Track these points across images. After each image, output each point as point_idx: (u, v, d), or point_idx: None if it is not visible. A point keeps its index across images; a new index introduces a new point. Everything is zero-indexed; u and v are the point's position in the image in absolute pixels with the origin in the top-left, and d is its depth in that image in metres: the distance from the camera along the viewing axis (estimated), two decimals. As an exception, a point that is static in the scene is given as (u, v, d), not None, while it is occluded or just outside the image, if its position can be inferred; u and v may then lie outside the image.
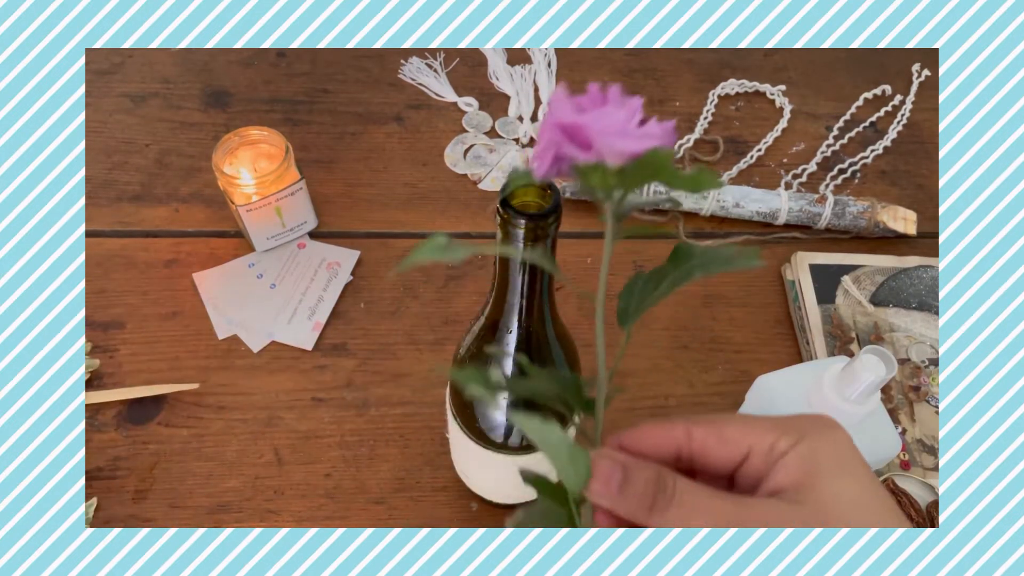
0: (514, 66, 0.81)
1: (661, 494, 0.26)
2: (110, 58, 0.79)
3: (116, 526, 0.52)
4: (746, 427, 0.28)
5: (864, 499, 0.26)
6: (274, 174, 0.61)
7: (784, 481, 0.27)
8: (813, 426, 0.27)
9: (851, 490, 0.26)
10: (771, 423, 0.28)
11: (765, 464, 0.27)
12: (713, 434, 0.28)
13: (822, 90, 0.82)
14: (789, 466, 0.27)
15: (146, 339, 0.61)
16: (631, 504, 0.26)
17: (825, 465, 0.26)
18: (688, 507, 0.26)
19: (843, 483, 0.26)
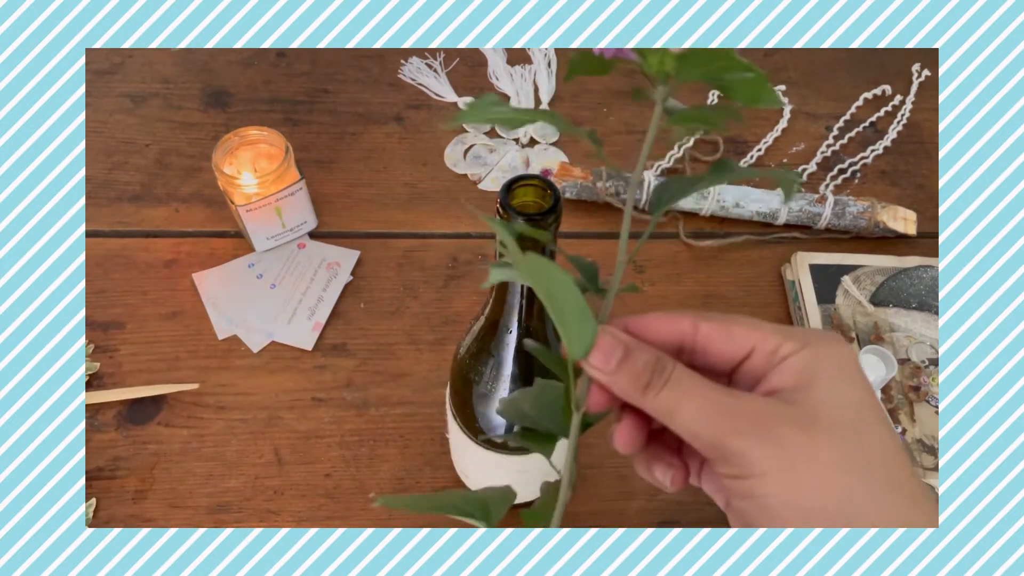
0: (514, 66, 0.81)
1: (658, 375, 0.27)
2: (110, 58, 0.79)
3: (116, 526, 0.52)
4: (753, 327, 0.28)
5: (855, 406, 0.26)
6: (274, 174, 0.61)
7: (781, 382, 0.27)
8: (819, 337, 0.28)
9: (844, 396, 0.26)
10: (778, 328, 0.28)
11: (766, 365, 0.28)
12: (720, 329, 0.28)
13: (822, 90, 0.82)
14: (789, 369, 0.27)
15: (146, 339, 0.61)
16: (627, 381, 0.27)
17: (823, 371, 0.26)
18: (682, 390, 0.26)
19: (838, 389, 0.26)
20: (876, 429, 0.26)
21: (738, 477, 0.26)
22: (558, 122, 0.25)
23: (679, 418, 0.26)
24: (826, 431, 0.25)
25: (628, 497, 0.55)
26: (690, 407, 0.26)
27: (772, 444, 0.25)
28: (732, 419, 0.26)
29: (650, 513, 0.55)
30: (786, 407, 0.26)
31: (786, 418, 0.25)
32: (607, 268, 0.71)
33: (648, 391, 0.26)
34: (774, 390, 0.27)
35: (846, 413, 0.26)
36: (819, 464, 0.25)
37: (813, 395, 0.26)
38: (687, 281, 0.67)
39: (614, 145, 0.76)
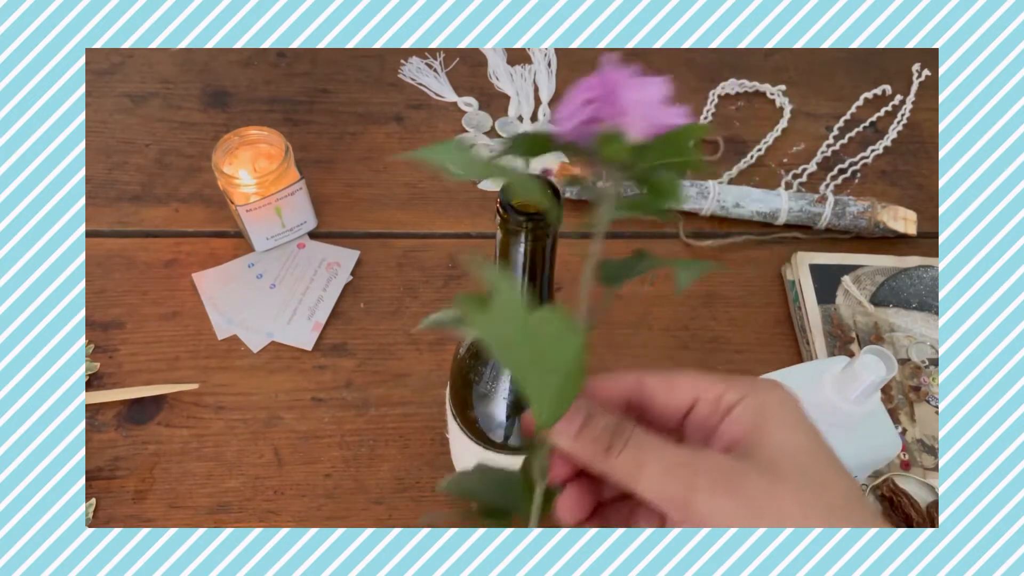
0: (514, 66, 0.81)
1: (618, 438, 0.27)
2: (110, 58, 0.79)
3: (116, 526, 0.52)
4: (695, 378, 0.29)
5: (809, 453, 0.27)
6: (274, 174, 0.61)
7: (734, 435, 0.27)
8: (761, 384, 0.28)
9: (797, 443, 0.27)
10: (719, 378, 0.29)
11: (712, 414, 0.28)
12: (663, 382, 0.29)
13: (822, 90, 0.82)
14: (738, 421, 0.27)
15: (146, 339, 0.61)
16: (588, 445, 0.27)
17: (772, 419, 0.27)
18: (644, 450, 0.27)
19: (790, 437, 0.27)
20: (832, 473, 0.26)
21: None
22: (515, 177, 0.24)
23: (642, 479, 0.26)
24: (786, 479, 0.25)
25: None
26: (653, 467, 0.26)
27: (738, 498, 0.25)
28: (696, 476, 0.26)
29: (650, 513, 0.55)
30: (746, 460, 0.26)
31: (747, 471, 0.26)
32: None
33: (609, 454, 0.27)
34: (729, 445, 0.27)
35: (802, 460, 0.26)
36: (784, 513, 0.25)
37: (768, 445, 0.26)
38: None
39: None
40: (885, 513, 0.53)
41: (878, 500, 0.53)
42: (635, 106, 0.22)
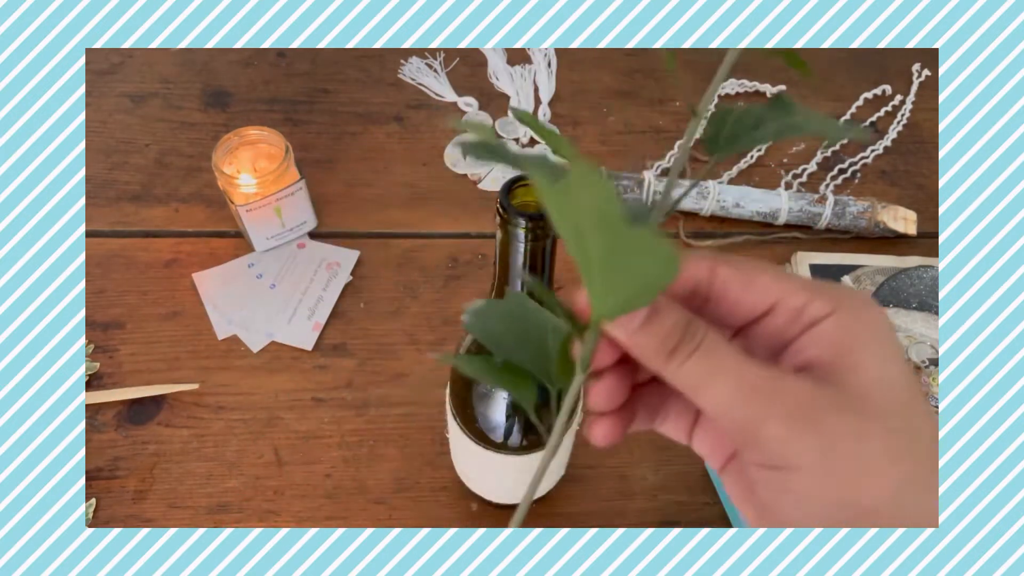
0: (514, 66, 0.81)
1: (688, 341, 0.23)
2: (110, 58, 0.79)
3: (116, 526, 0.52)
4: (778, 279, 0.25)
5: (903, 388, 0.23)
6: (274, 174, 0.61)
7: (816, 356, 0.24)
8: (852, 299, 0.24)
9: (891, 376, 0.23)
10: (805, 283, 0.25)
11: (790, 325, 0.25)
12: (740, 277, 0.25)
13: (822, 90, 0.82)
14: (823, 340, 0.24)
15: (146, 339, 0.61)
16: (651, 344, 0.23)
17: (864, 344, 0.23)
18: (715, 361, 0.23)
19: (885, 369, 0.23)
20: (925, 415, 0.23)
21: (772, 467, 0.23)
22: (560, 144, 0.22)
23: (709, 394, 0.23)
24: (876, 419, 0.22)
25: (628, 497, 0.55)
26: (724, 383, 0.23)
27: (817, 434, 0.22)
28: (772, 402, 0.22)
29: (650, 513, 0.55)
30: (831, 391, 0.23)
31: (832, 404, 0.22)
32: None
33: (673, 358, 0.23)
34: (808, 364, 0.24)
35: (895, 396, 0.23)
36: (870, 458, 0.22)
37: (858, 376, 0.23)
38: (687, 281, 0.67)
39: (614, 145, 0.76)
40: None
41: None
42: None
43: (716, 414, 0.23)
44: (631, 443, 0.58)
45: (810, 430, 0.22)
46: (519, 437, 0.44)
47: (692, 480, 0.56)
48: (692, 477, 0.56)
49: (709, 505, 0.55)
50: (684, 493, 0.56)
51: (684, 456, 0.57)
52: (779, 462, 0.23)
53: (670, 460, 0.57)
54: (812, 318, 0.24)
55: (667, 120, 0.78)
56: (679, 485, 0.56)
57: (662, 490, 0.56)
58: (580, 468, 0.56)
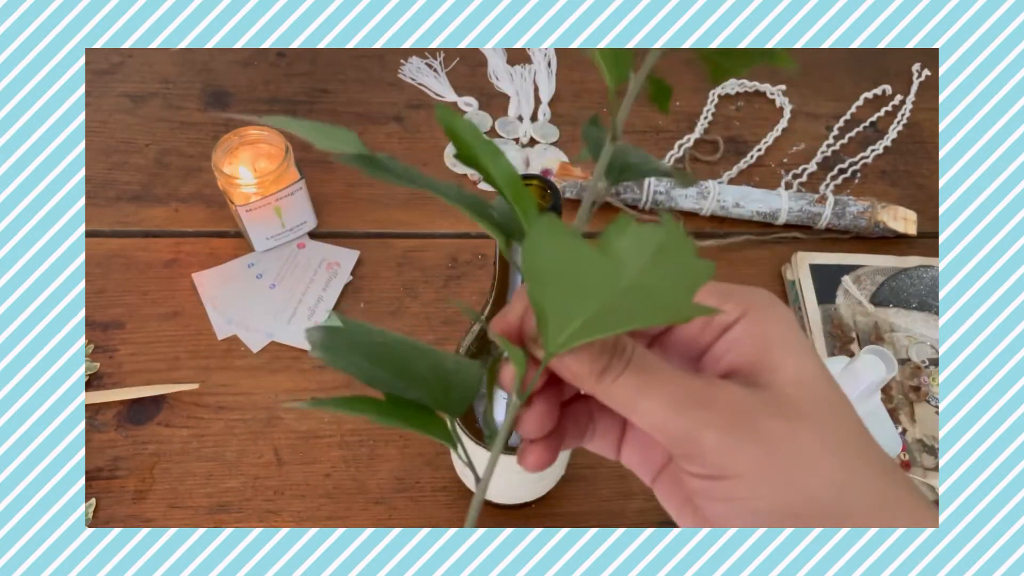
0: (514, 66, 0.81)
1: (617, 358, 0.23)
2: (110, 58, 0.79)
3: (116, 526, 0.52)
4: None
5: (823, 383, 0.24)
6: (274, 174, 0.61)
7: (736, 362, 0.24)
8: (757, 300, 0.25)
9: (809, 373, 0.24)
10: (712, 288, 0.25)
11: (702, 333, 0.25)
12: None
13: (822, 90, 0.82)
14: (739, 344, 0.24)
15: (146, 339, 0.61)
16: (582, 364, 0.23)
17: (777, 344, 0.24)
18: (646, 376, 0.23)
19: (802, 365, 0.24)
20: (840, 403, 0.24)
21: (712, 477, 0.23)
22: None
23: (643, 409, 0.23)
24: (804, 418, 0.23)
25: (628, 497, 0.55)
26: (657, 397, 0.23)
27: (752, 439, 0.22)
28: (708, 411, 0.22)
29: (650, 513, 0.55)
30: (761, 395, 0.23)
31: (764, 409, 0.23)
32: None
33: (604, 377, 0.23)
34: (730, 370, 0.24)
35: (816, 393, 0.23)
36: (805, 456, 0.22)
37: (779, 376, 0.23)
38: (687, 281, 0.67)
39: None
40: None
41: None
42: None
43: (652, 428, 0.23)
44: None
45: (747, 437, 0.22)
46: (519, 437, 0.44)
47: (692, 480, 0.56)
48: (692, 477, 0.56)
49: (709, 505, 0.55)
50: (684, 493, 0.56)
51: (684, 456, 0.57)
52: (719, 472, 0.23)
53: (670, 460, 0.57)
54: (723, 323, 0.24)
55: (667, 120, 0.78)
56: (679, 485, 0.56)
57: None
58: (580, 468, 0.56)
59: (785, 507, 0.23)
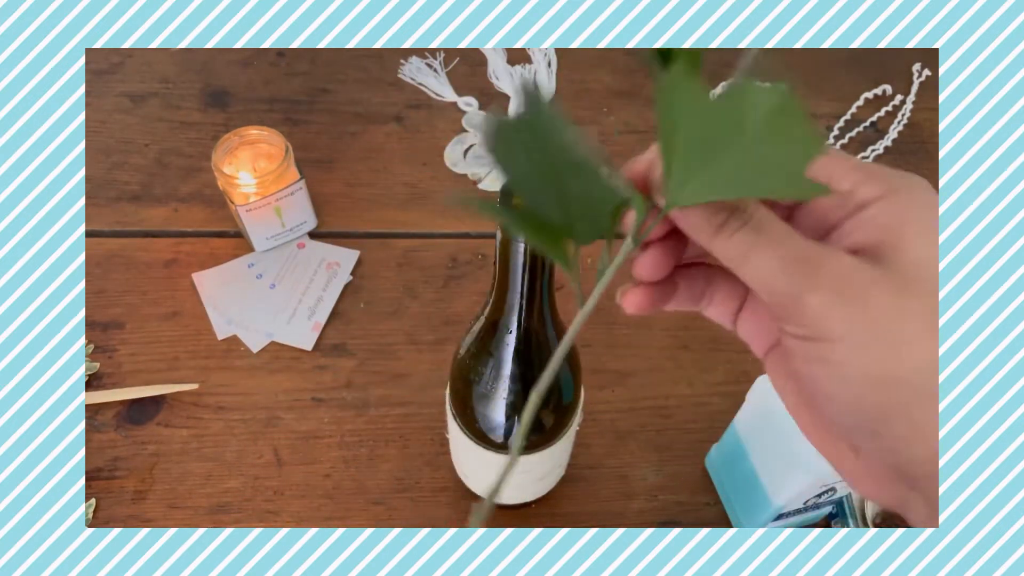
0: (514, 66, 0.81)
1: (736, 215, 0.23)
2: (110, 58, 0.79)
3: (116, 526, 0.52)
4: (827, 160, 0.24)
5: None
6: (274, 174, 0.61)
7: (864, 239, 0.24)
8: (903, 182, 0.24)
9: (933, 256, 0.23)
10: (857, 165, 0.25)
11: (837, 207, 0.24)
12: None
13: (822, 90, 0.82)
14: (871, 224, 0.24)
15: (146, 339, 0.61)
16: (700, 218, 0.23)
17: (912, 226, 0.23)
18: (761, 234, 0.23)
19: (927, 248, 0.23)
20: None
21: (810, 339, 0.23)
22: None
23: (752, 265, 0.23)
24: (918, 297, 0.23)
25: (628, 497, 0.55)
26: (767, 255, 0.23)
27: (857, 306, 0.22)
28: (815, 274, 0.23)
29: (650, 513, 0.55)
30: (874, 268, 0.23)
31: (876, 280, 0.23)
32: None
33: (722, 232, 0.23)
34: (857, 248, 0.24)
35: (936, 278, 0.23)
36: (909, 332, 0.22)
37: (904, 255, 0.23)
38: (687, 281, 0.67)
39: (614, 145, 0.76)
40: (885, 513, 0.53)
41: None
42: None
43: (759, 285, 0.23)
44: (631, 443, 0.58)
45: (851, 303, 0.22)
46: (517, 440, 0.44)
47: (692, 480, 0.56)
48: (692, 477, 0.56)
49: (709, 505, 0.55)
50: (684, 493, 0.56)
51: (684, 456, 0.57)
52: (818, 334, 0.23)
53: (670, 460, 0.57)
54: (861, 201, 0.24)
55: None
56: (679, 485, 0.56)
57: (662, 490, 0.56)
58: (580, 468, 0.56)
59: (876, 376, 0.23)
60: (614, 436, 0.58)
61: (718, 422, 0.54)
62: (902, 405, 0.23)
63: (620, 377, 0.60)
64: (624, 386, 0.60)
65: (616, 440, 0.58)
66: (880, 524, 0.53)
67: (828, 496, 0.48)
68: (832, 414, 0.26)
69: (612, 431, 0.58)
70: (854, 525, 0.53)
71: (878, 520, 0.53)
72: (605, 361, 0.61)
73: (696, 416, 0.59)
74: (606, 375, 0.61)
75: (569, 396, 0.45)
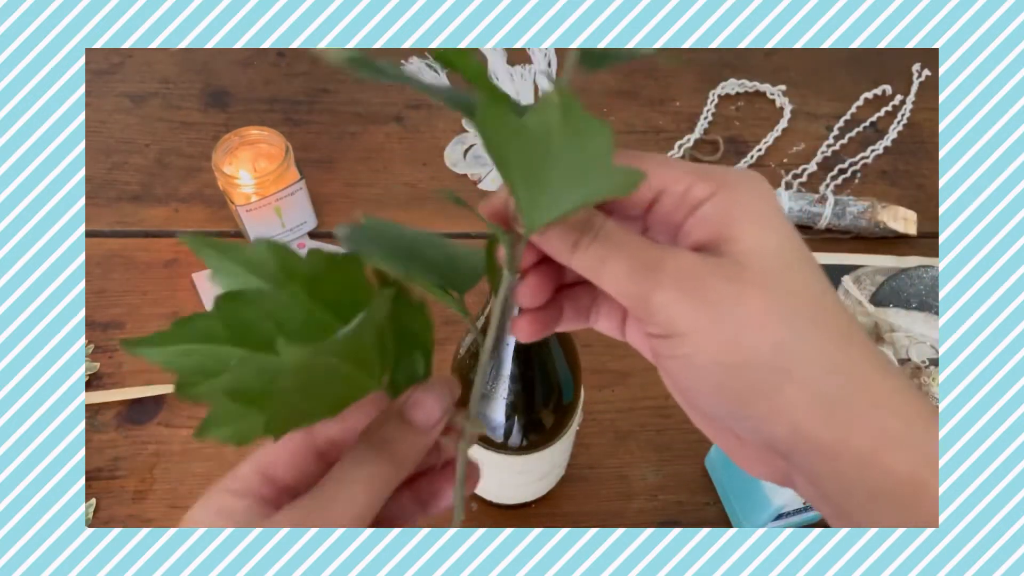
0: (514, 66, 0.81)
1: (587, 232, 0.25)
2: (110, 58, 0.79)
3: (116, 526, 0.52)
4: (662, 165, 0.26)
5: (780, 252, 0.25)
6: (274, 174, 0.61)
7: (703, 236, 0.25)
8: (735, 177, 0.26)
9: (769, 242, 0.25)
10: (690, 168, 0.26)
11: (677, 209, 0.26)
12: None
13: (822, 90, 0.82)
14: (707, 220, 0.25)
15: (146, 339, 0.61)
16: (557, 240, 0.26)
17: (744, 217, 0.25)
18: (610, 245, 0.25)
19: (762, 236, 0.25)
20: (801, 272, 0.25)
21: (665, 336, 0.25)
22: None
23: (606, 274, 0.25)
24: (752, 281, 0.24)
25: (628, 497, 0.55)
26: (617, 263, 0.25)
27: (698, 299, 0.24)
28: (659, 274, 0.24)
29: (650, 513, 0.55)
30: (711, 260, 0.24)
31: (712, 271, 0.24)
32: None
33: (577, 249, 0.25)
34: (698, 244, 0.26)
35: (772, 260, 0.24)
36: (747, 315, 0.24)
37: (738, 244, 0.25)
38: (687, 281, 0.67)
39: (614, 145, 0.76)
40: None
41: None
42: None
43: (614, 291, 0.25)
44: (631, 443, 0.58)
45: (692, 297, 0.24)
46: (519, 437, 0.44)
47: (692, 480, 0.56)
48: (692, 477, 0.56)
49: (709, 505, 0.55)
50: (684, 493, 0.56)
51: (684, 456, 0.57)
52: (669, 330, 0.25)
53: (670, 460, 0.57)
54: (696, 200, 0.26)
55: (667, 120, 0.78)
56: (679, 485, 0.56)
57: (662, 490, 0.56)
58: (580, 468, 0.56)
59: (722, 361, 0.24)
60: (614, 436, 0.58)
61: (718, 422, 0.54)
62: (756, 387, 0.24)
63: (620, 377, 0.60)
64: (624, 386, 0.60)
65: (616, 440, 0.58)
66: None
67: (828, 496, 0.48)
68: (701, 405, 0.27)
69: (612, 431, 0.58)
70: (854, 525, 0.53)
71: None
72: (605, 361, 0.61)
73: (696, 416, 0.59)
74: (606, 375, 0.60)
75: (569, 396, 0.45)
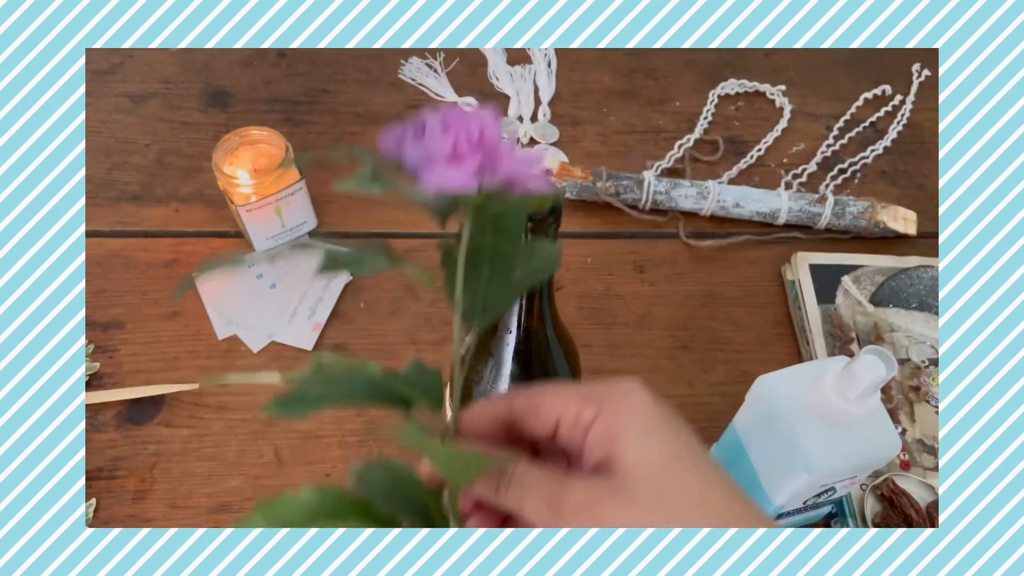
0: (514, 66, 0.81)
1: (503, 477, 0.28)
2: (110, 58, 0.79)
3: (116, 526, 0.52)
4: (556, 396, 0.28)
5: (660, 461, 0.26)
6: (274, 174, 0.61)
7: (597, 457, 0.27)
8: (614, 393, 0.28)
9: (647, 454, 0.26)
10: (577, 392, 0.28)
11: (574, 435, 0.28)
12: (528, 405, 0.29)
13: (822, 90, 0.82)
14: (597, 440, 0.27)
15: (146, 339, 0.61)
16: (481, 487, 0.28)
17: (624, 433, 0.27)
18: (523, 488, 0.27)
19: (641, 448, 0.26)
20: (684, 477, 0.26)
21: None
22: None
23: (525, 512, 0.27)
24: (636, 499, 0.26)
25: (628, 497, 0.55)
26: (532, 502, 0.27)
27: (598, 525, 0.26)
28: (563, 508, 0.26)
29: (650, 513, 0.55)
30: (603, 485, 0.26)
31: (602, 498, 0.26)
32: (607, 268, 0.70)
33: (498, 494, 0.28)
34: (595, 466, 0.27)
35: (651, 473, 0.26)
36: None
37: (622, 462, 0.26)
38: (687, 281, 0.67)
39: (614, 145, 0.76)
40: (885, 513, 0.53)
41: (878, 500, 0.53)
42: (517, 175, 0.24)
43: (538, 526, 0.27)
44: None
45: (593, 524, 0.26)
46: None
47: (692, 480, 0.56)
48: (692, 477, 0.56)
49: (709, 505, 0.55)
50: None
51: (684, 456, 0.57)
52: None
53: (670, 460, 0.57)
54: (586, 423, 0.27)
55: (667, 120, 0.78)
56: (679, 485, 0.56)
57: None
58: (580, 468, 0.56)
59: None
60: (614, 436, 0.58)
61: (718, 422, 0.54)
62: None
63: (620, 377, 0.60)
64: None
65: (616, 440, 0.58)
66: (880, 524, 0.53)
67: (828, 496, 0.48)
68: None
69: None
70: (854, 525, 0.53)
71: (878, 520, 0.53)
72: (605, 361, 0.61)
73: (696, 416, 0.59)
74: (606, 375, 0.60)
75: (569, 396, 0.45)
